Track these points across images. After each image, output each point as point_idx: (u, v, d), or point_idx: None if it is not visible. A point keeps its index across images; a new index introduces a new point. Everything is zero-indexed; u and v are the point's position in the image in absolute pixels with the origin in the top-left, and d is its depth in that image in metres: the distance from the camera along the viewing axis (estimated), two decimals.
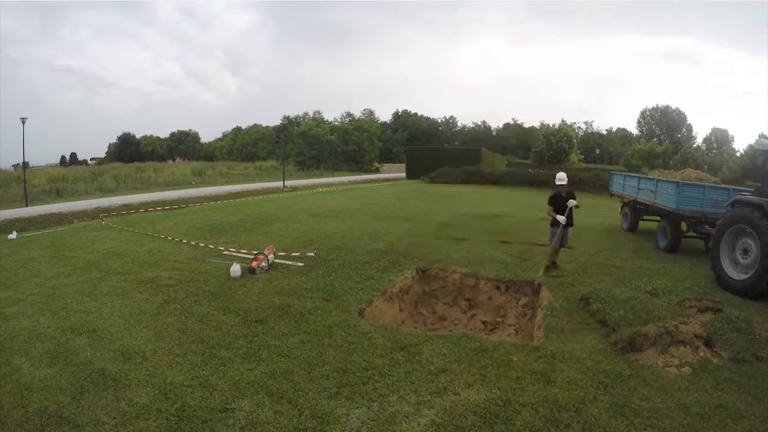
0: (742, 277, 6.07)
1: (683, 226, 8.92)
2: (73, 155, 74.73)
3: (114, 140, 73.94)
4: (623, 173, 13.54)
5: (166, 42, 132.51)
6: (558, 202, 7.09)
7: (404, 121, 67.73)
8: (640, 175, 12.58)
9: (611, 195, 13.21)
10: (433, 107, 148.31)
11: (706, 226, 8.41)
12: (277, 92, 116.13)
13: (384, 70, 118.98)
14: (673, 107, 59.31)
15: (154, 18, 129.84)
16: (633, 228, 11.34)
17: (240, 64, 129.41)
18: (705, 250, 8.67)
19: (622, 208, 12.10)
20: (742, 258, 6.26)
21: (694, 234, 8.92)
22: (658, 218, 9.80)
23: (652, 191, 9.87)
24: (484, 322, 6.76)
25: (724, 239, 6.45)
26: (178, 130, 75.39)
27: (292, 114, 73.66)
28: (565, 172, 8.05)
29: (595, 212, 14.59)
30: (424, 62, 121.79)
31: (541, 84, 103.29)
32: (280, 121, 72.38)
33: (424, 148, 44.21)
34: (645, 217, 10.79)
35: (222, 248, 8.63)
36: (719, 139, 57.38)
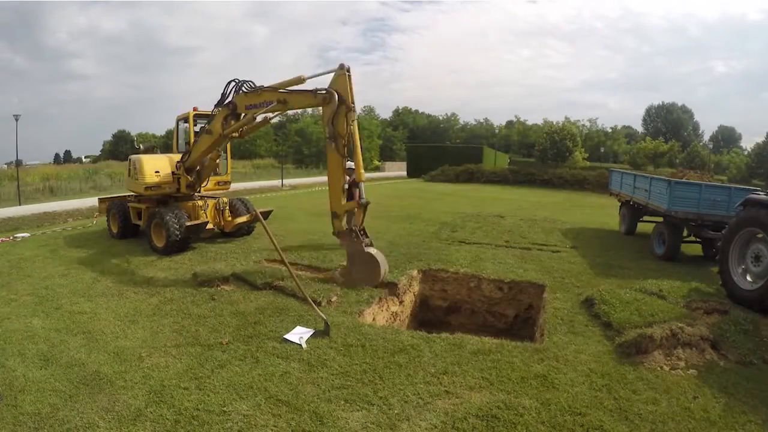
0: (754, 287, 5.40)
1: (684, 231, 8.24)
2: (67, 153, 74.29)
3: (109, 138, 73.46)
4: (622, 170, 12.88)
5: None
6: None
7: (404, 118, 67.59)
8: (636, 173, 12.29)
9: (611, 194, 12.68)
10: (433, 105, 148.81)
11: (709, 231, 7.74)
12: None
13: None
14: (679, 104, 59.16)
15: None
16: (631, 230, 10.74)
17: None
18: (703, 255, 8.37)
19: (620, 208, 11.46)
20: (754, 266, 5.59)
21: (694, 238, 8.29)
22: (659, 219, 9.05)
23: (646, 190, 9.22)
24: (485, 323, 6.71)
25: (733, 245, 5.76)
26: (174, 127, 74.84)
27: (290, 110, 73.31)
28: (569, 170, 7.75)
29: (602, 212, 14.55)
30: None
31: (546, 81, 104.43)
32: (278, 118, 72.17)
33: (425, 146, 44.09)
34: (645, 218, 10.14)
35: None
36: (726, 138, 57.32)
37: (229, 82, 6.85)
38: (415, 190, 22.73)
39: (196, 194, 8.96)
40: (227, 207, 8.87)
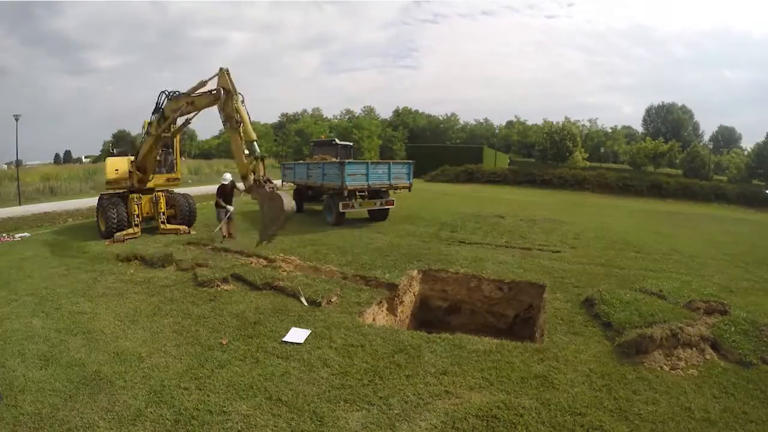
0: None
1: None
2: (68, 153, 74.20)
3: (109, 138, 73.26)
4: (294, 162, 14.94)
5: None
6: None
7: (404, 118, 67.53)
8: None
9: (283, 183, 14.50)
10: (434, 105, 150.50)
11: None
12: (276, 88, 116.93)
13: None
14: (679, 104, 59.09)
15: None
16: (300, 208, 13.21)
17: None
18: None
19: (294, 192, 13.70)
20: None
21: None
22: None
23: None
24: (486, 323, 6.71)
25: None
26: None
27: (290, 111, 73.38)
28: (569, 170, 8.02)
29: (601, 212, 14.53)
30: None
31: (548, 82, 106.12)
32: (278, 119, 72.16)
33: (425, 146, 44.13)
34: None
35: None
36: (726, 138, 57.31)
37: (161, 93, 8.28)
38: (415, 190, 22.65)
39: (157, 190, 10.41)
40: (161, 200, 10.29)
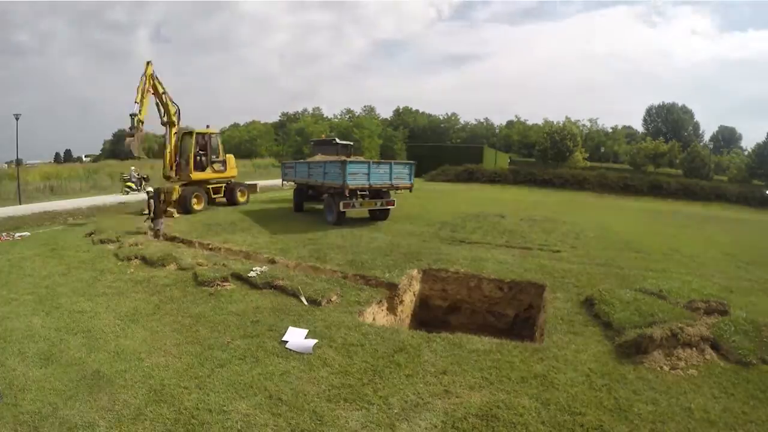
0: None
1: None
2: (68, 152, 74.19)
3: (109, 137, 73.12)
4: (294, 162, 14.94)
5: None
6: None
7: (405, 118, 67.58)
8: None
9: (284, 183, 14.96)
10: (435, 105, 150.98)
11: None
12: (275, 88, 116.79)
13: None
14: (679, 104, 59.07)
15: None
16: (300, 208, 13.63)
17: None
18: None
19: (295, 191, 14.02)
20: None
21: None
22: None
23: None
24: (485, 323, 6.70)
25: None
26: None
27: (291, 110, 73.48)
28: (569, 170, 7.97)
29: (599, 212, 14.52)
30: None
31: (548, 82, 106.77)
32: (279, 118, 72.25)
33: (425, 145, 44.19)
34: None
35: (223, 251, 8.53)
36: (726, 138, 57.35)
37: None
38: (415, 189, 22.63)
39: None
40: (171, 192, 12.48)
